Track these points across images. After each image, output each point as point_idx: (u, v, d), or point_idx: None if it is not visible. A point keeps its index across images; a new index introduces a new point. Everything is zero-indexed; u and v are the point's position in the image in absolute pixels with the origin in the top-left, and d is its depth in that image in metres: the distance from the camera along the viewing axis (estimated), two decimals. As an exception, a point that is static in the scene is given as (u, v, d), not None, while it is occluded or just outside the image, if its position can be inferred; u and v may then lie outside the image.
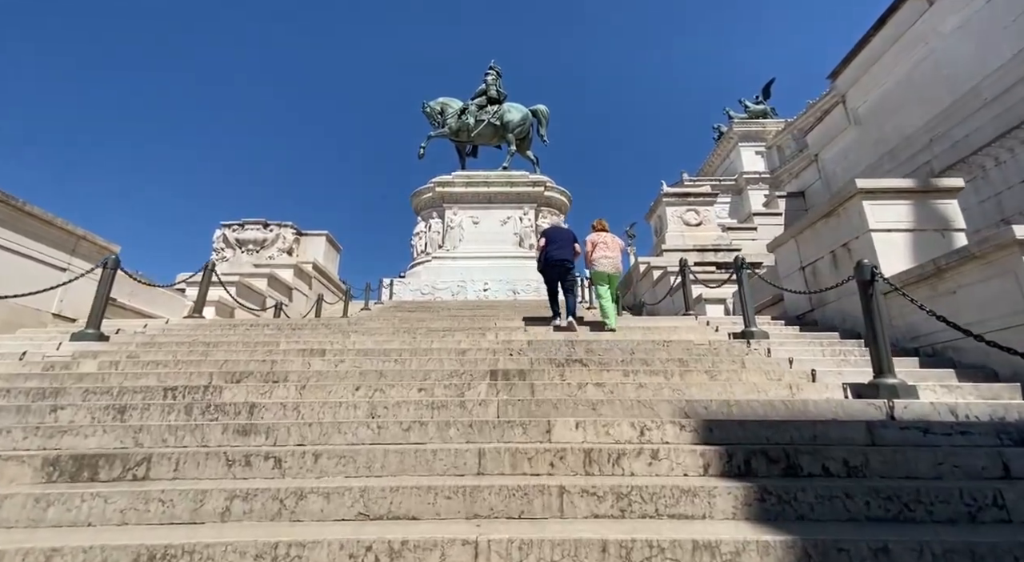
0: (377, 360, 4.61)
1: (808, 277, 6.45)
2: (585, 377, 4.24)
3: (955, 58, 10.56)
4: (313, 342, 5.30)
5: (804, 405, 3.51)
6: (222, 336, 5.68)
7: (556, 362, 4.59)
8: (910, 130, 11.49)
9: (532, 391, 3.89)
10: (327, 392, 3.87)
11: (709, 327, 6.13)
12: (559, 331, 5.96)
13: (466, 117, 19.65)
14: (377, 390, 3.88)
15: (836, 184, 13.56)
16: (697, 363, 4.58)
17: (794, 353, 4.87)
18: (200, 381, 4.20)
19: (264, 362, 4.59)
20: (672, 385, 3.95)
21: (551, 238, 6.87)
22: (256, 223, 12.33)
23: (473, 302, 14.53)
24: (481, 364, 4.59)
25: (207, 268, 7.10)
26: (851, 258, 5.73)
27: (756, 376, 4.24)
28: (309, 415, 3.49)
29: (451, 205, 18.42)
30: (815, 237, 6.31)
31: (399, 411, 3.52)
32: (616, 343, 5.22)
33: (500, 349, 5.00)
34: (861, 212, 5.54)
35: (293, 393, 3.85)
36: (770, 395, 3.85)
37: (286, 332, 5.91)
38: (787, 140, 27.67)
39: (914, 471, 2.70)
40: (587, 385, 3.92)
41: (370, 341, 5.30)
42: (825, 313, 6.13)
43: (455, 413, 3.51)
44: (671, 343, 5.24)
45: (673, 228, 13.20)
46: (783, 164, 27.36)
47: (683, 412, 3.50)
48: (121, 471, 2.73)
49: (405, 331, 5.86)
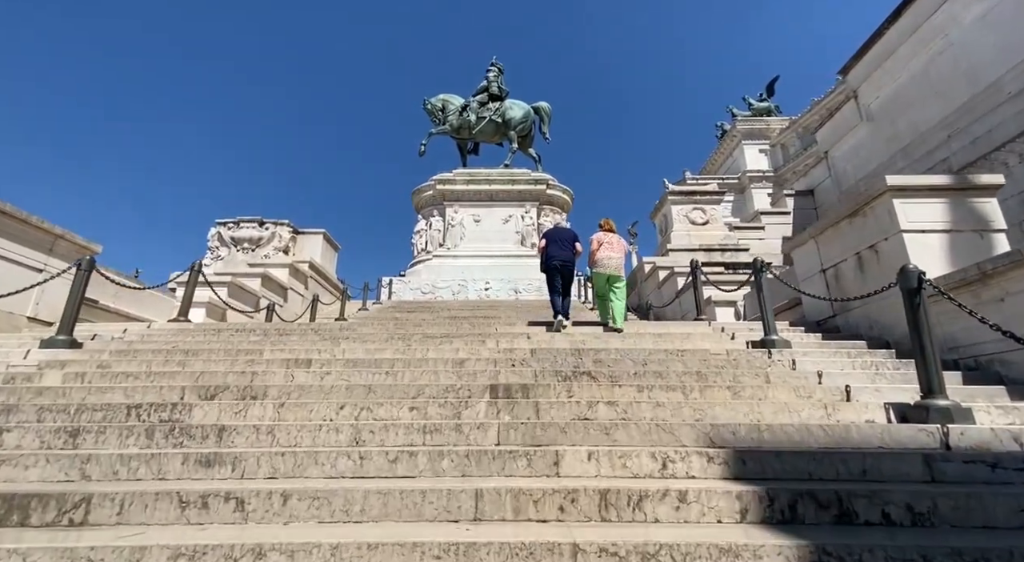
0: (367, 372, 4.17)
1: (830, 280, 5.99)
2: (595, 393, 3.79)
3: (976, 51, 10.04)
4: (300, 350, 4.86)
5: (846, 431, 3.05)
6: (204, 343, 5.25)
7: (563, 375, 4.15)
8: (926, 126, 10.98)
9: (537, 411, 3.44)
10: (308, 411, 3.43)
11: (724, 334, 5.68)
12: (563, 335, 5.55)
13: (467, 114, 19.16)
14: (364, 409, 3.44)
15: (847, 182, 13.06)
16: (716, 377, 4.13)
17: (821, 365, 4.42)
18: (171, 397, 3.77)
19: (244, 374, 4.16)
20: (692, 404, 3.50)
21: (552, 239, 6.83)
22: (252, 221, 11.89)
23: (474, 302, 14.09)
24: (480, 377, 4.15)
25: (193, 269, 6.66)
26: (879, 261, 5.27)
27: (784, 393, 3.79)
28: (285, 440, 3.05)
29: (452, 203, 17.97)
30: (838, 238, 5.84)
31: (387, 435, 3.08)
32: (627, 353, 4.78)
33: (501, 359, 4.56)
34: (891, 211, 5.07)
35: (270, 412, 3.42)
36: (803, 417, 3.40)
37: (273, 338, 5.48)
38: (791, 138, 27.12)
39: (992, 519, 2.24)
40: (598, 403, 3.47)
41: (361, 349, 4.87)
42: (849, 319, 5.67)
43: (450, 438, 3.07)
44: (686, 353, 4.80)
45: (679, 227, 12.72)
46: (787, 162, 26.82)
47: (708, 438, 3.05)
48: (56, 515, 2.29)
49: (400, 338, 5.42)
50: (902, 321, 5.00)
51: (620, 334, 5.47)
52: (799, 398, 3.74)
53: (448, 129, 19.28)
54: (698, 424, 3.14)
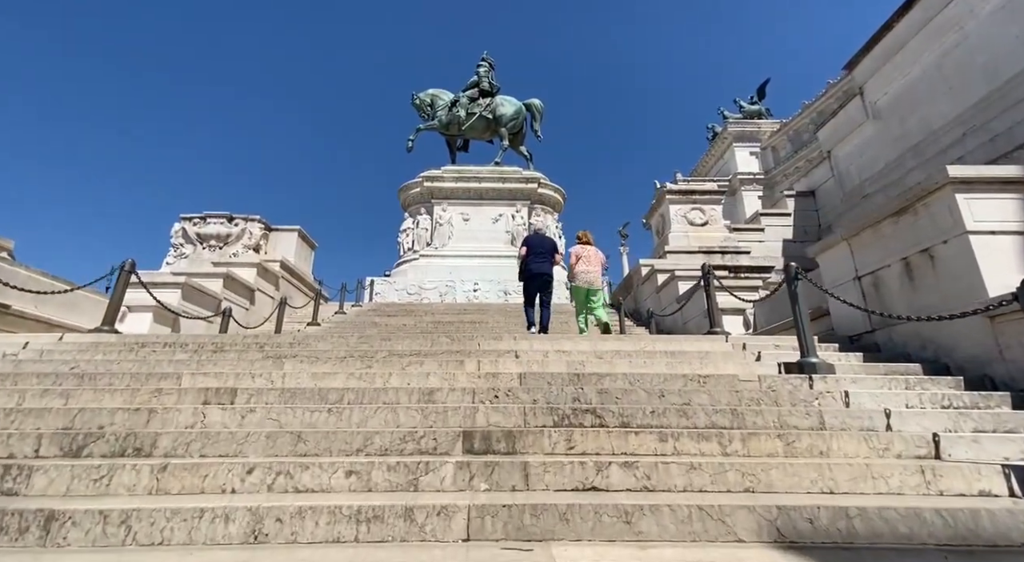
0: (303, 410, 3.09)
1: (867, 289, 5.02)
2: (604, 443, 2.75)
3: (994, 43, 9.19)
4: (229, 374, 3.75)
5: (974, 519, 2.04)
6: (114, 363, 4.12)
7: (559, 414, 3.10)
8: (939, 124, 10.12)
9: (526, 476, 2.40)
10: (202, 477, 2.34)
11: (747, 352, 4.68)
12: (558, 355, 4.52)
13: (457, 110, 18.05)
14: (282, 473, 2.36)
15: (851, 183, 12.20)
16: (756, 416, 3.12)
17: (881, 399, 3.43)
18: (21, 449, 2.66)
19: (139, 411, 3.05)
20: (737, 463, 2.48)
21: (532, 247, 6.60)
22: (220, 217, 10.67)
23: (461, 305, 13.03)
24: (452, 416, 3.09)
25: (123, 269, 5.50)
26: (935, 267, 4.30)
27: (852, 444, 2.78)
28: (145, 534, 1.97)
29: (440, 201, 16.86)
30: (878, 240, 4.88)
31: (302, 526, 2.01)
32: (637, 379, 3.75)
33: (482, 388, 3.50)
34: (953, 208, 4.11)
35: (145, 481, 2.32)
36: (893, 485, 2.39)
37: (204, 356, 4.36)
38: (782, 141, 26.41)
39: None
40: (610, 464, 2.43)
41: (307, 374, 3.77)
42: (893, 336, 4.71)
43: (396, 530, 2.01)
44: (708, 380, 3.78)
45: (677, 228, 11.75)
46: (778, 165, 26.14)
47: (776, 530, 2.02)
48: None
49: (360, 356, 4.33)
50: (967, 340, 4.09)
51: (628, 354, 4.45)
52: (875, 453, 2.74)
53: (437, 125, 18.16)
54: (756, 504, 2.11)
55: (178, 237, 10.63)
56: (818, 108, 24.15)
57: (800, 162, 24.49)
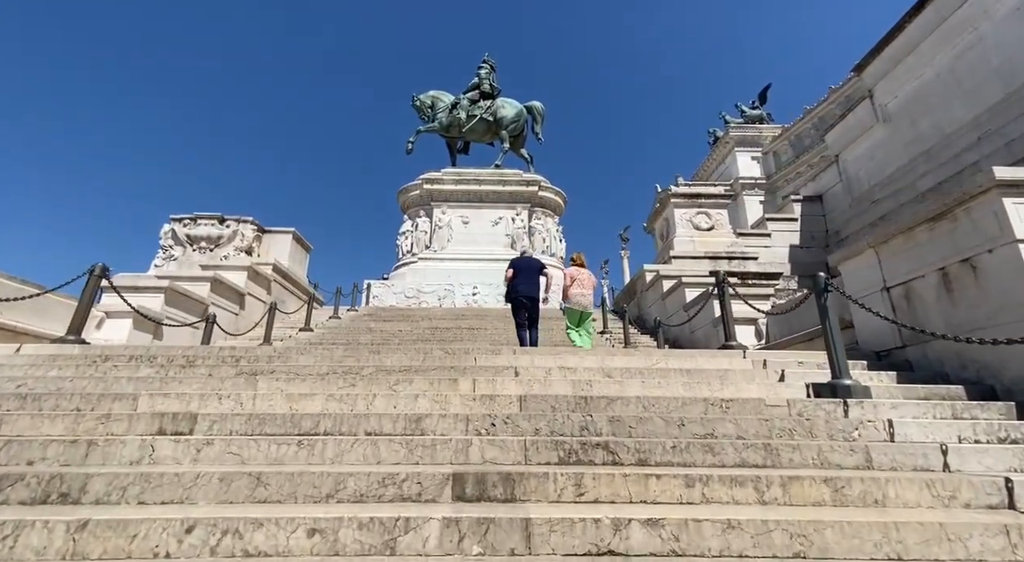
0: (269, 443, 2.63)
1: (896, 302, 4.58)
2: (619, 490, 2.30)
3: (1011, 45, 8.79)
4: (194, 396, 3.30)
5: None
6: (67, 380, 3.66)
7: (566, 449, 2.65)
8: (952, 127, 9.71)
9: (527, 535, 1.95)
10: (128, 539, 1.88)
11: (768, 371, 4.23)
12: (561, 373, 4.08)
13: (457, 112, 17.65)
14: (229, 532, 1.91)
15: (860, 188, 11.78)
16: (793, 453, 2.67)
17: (929, 430, 2.98)
18: (-75, 494, 2.20)
19: (77, 443, 2.60)
20: (780, 518, 2.03)
21: (519, 270, 6.57)
22: (211, 218, 10.22)
23: (459, 309, 12.59)
24: (442, 451, 2.64)
25: (92, 273, 5.04)
26: (977, 279, 3.87)
27: (911, 492, 2.33)
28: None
29: (440, 204, 16.45)
30: (911, 248, 4.44)
31: (243, 613, 1.55)
32: (652, 404, 3.30)
33: (477, 415, 3.05)
34: (1000, 213, 3.68)
35: (59, 542, 1.87)
36: (972, 548, 1.94)
37: (169, 373, 3.90)
38: (784, 146, 26.06)
39: None
40: (630, 523, 1.98)
41: (282, 395, 3.32)
42: (928, 354, 4.26)
43: (362, 620, 1.55)
44: (732, 404, 3.34)
45: (682, 233, 11.31)
46: (779, 170, 25.80)
47: (846, 621, 1.57)
48: None
49: (344, 373, 3.88)
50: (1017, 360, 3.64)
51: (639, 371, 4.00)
52: (940, 502, 2.29)
53: (437, 127, 17.76)
54: (816, 581, 1.66)
55: (167, 239, 10.18)
56: (820, 113, 23.85)
57: (802, 167, 24.16)
